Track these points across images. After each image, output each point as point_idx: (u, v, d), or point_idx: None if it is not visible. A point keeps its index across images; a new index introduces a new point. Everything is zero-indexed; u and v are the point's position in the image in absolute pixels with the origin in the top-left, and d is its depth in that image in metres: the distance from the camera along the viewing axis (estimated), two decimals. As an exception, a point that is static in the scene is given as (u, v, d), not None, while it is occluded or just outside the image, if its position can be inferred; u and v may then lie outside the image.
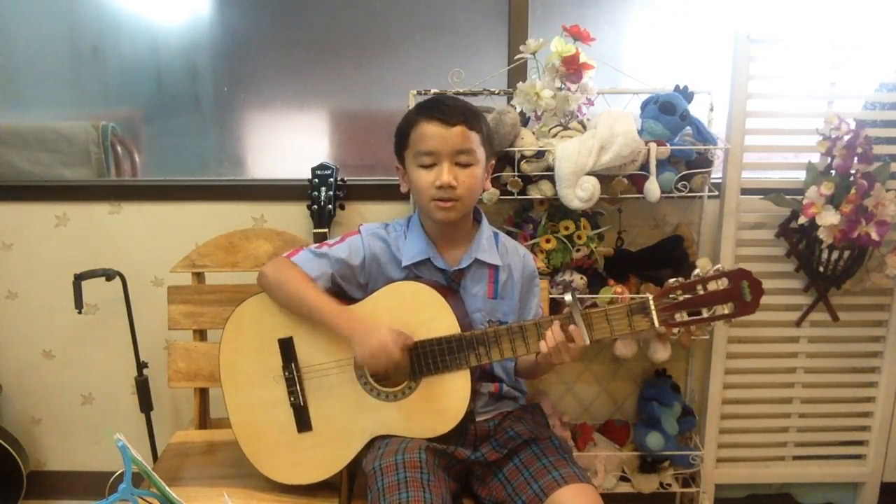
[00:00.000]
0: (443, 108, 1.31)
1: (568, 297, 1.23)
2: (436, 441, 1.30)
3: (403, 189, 1.40)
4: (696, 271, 1.22)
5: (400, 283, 1.35)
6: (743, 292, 1.18)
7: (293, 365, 1.36)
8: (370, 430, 1.33)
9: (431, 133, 1.30)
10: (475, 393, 1.30)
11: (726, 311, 1.20)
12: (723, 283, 1.19)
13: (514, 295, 1.42)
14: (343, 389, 1.34)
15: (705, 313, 1.20)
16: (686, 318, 1.21)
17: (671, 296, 1.21)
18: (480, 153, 1.33)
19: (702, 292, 1.19)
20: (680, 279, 1.21)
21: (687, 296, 1.20)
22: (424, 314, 1.30)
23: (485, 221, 1.43)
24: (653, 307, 1.21)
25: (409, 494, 1.18)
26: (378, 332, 1.25)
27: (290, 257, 1.38)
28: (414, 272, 1.38)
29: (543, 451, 1.34)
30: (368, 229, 1.41)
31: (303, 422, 1.36)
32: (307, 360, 1.36)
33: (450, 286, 1.38)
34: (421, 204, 1.36)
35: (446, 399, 1.29)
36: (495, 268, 1.40)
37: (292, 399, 1.36)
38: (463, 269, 1.38)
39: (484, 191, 1.40)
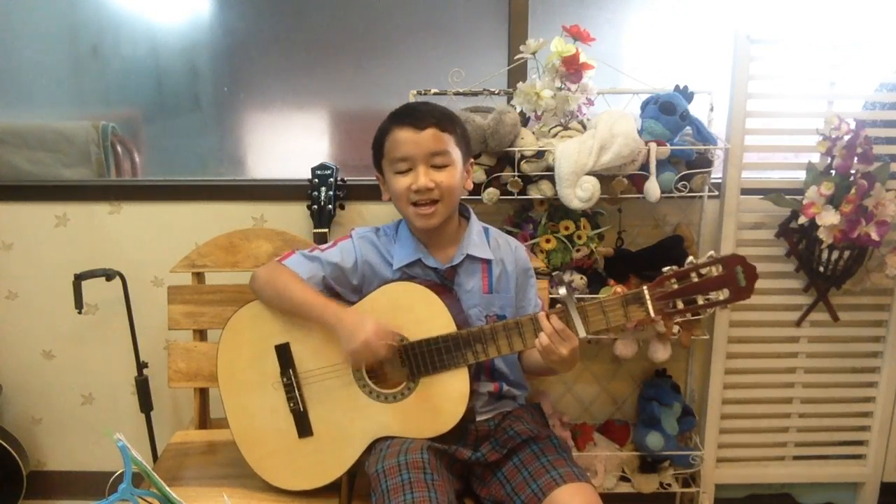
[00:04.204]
0: (413, 113, 1.33)
1: (562, 291, 1.24)
2: (437, 441, 1.30)
3: (384, 198, 1.41)
4: (690, 258, 1.22)
5: (394, 283, 1.35)
6: (737, 277, 1.18)
7: (291, 371, 1.36)
8: (371, 433, 1.33)
9: (404, 139, 1.31)
10: (474, 392, 1.30)
11: (721, 298, 1.19)
12: (717, 270, 1.19)
13: (509, 288, 1.42)
14: (342, 393, 1.34)
15: (701, 301, 1.20)
16: (681, 305, 1.20)
17: (666, 284, 1.20)
18: (456, 154, 1.34)
19: (696, 280, 1.19)
20: (674, 267, 1.20)
21: (682, 284, 1.20)
22: (419, 314, 1.30)
23: (473, 217, 1.43)
24: (648, 297, 1.20)
25: (415, 495, 1.17)
26: (363, 328, 1.25)
27: (281, 261, 1.39)
28: (407, 273, 1.38)
29: (542, 450, 1.34)
30: (359, 233, 1.43)
31: (303, 427, 1.36)
32: (305, 365, 1.36)
33: (444, 284, 1.38)
34: (401, 210, 1.37)
35: (445, 398, 1.29)
36: (488, 262, 1.40)
37: (292, 405, 1.36)
38: (455, 266, 1.38)
39: (465, 190, 1.39)
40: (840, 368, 1.96)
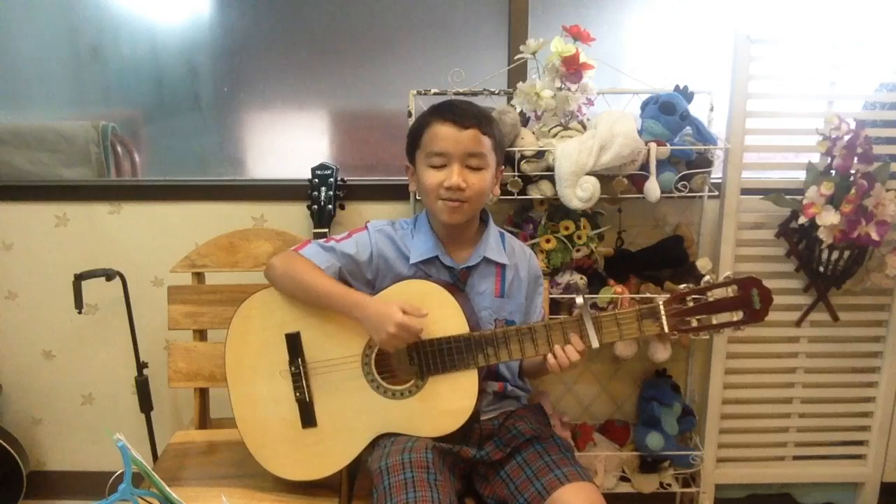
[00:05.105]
0: (457, 111, 1.32)
1: (580, 300, 1.24)
2: (441, 440, 1.30)
3: (412, 188, 1.41)
4: (707, 278, 1.22)
5: (410, 281, 1.35)
6: (752, 300, 1.18)
7: (300, 360, 1.36)
8: (375, 428, 1.33)
9: (444, 134, 1.31)
10: (480, 391, 1.31)
11: (735, 319, 1.20)
12: (733, 291, 1.19)
13: (520, 294, 1.43)
14: (349, 386, 1.34)
15: (714, 320, 1.20)
16: (695, 324, 1.21)
17: (681, 301, 1.21)
18: (491, 158, 1.34)
19: (712, 299, 1.20)
20: (690, 285, 1.21)
21: (697, 302, 1.20)
22: (433, 313, 1.29)
23: (491, 222, 1.44)
24: (663, 313, 1.21)
25: (417, 494, 1.18)
26: (392, 315, 1.24)
27: (297, 250, 1.38)
28: (422, 269, 1.38)
29: (546, 449, 1.34)
30: (376, 226, 1.42)
31: (307, 417, 1.36)
32: (314, 355, 1.36)
33: (457, 284, 1.38)
34: (428, 204, 1.37)
35: (453, 398, 1.30)
36: (502, 267, 1.41)
37: (298, 394, 1.36)
38: (471, 268, 1.39)
39: (492, 195, 1.40)
40: (840, 368, 1.96)
